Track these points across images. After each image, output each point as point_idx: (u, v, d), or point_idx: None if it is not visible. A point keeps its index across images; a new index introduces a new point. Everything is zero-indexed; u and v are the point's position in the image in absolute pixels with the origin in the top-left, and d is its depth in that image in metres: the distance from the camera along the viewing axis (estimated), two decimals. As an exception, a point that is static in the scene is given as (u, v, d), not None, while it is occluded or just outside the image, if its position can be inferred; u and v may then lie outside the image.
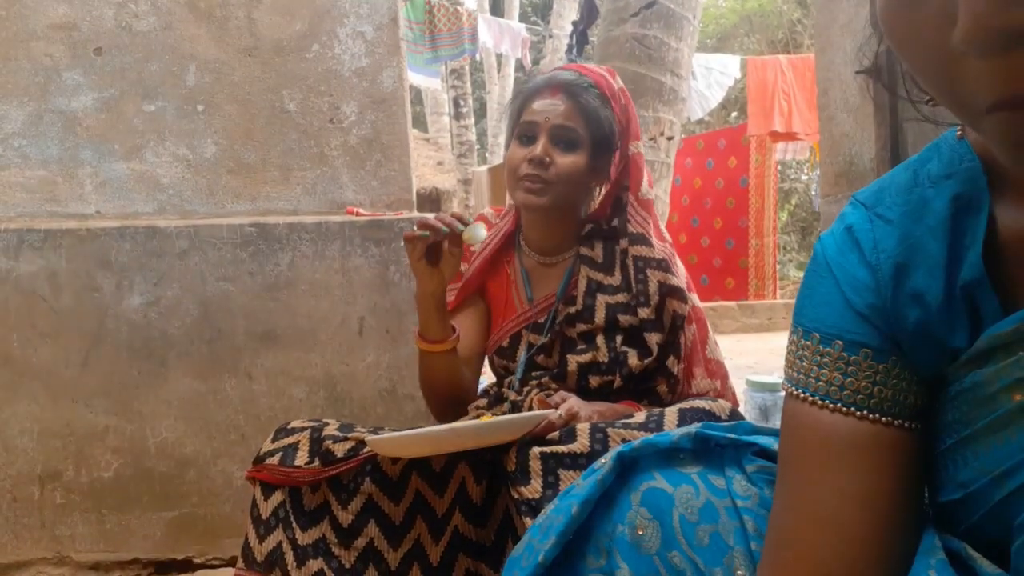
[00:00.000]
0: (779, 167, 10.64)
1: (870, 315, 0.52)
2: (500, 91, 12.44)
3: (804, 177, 12.78)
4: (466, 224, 1.17)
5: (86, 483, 1.63)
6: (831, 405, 0.52)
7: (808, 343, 0.54)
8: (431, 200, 9.59)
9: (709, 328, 1.28)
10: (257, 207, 1.75)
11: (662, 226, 1.31)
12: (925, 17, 0.37)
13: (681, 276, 1.25)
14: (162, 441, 1.64)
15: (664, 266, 1.22)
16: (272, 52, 1.75)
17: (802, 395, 0.54)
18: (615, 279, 1.25)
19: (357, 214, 1.71)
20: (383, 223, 1.68)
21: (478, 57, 8.77)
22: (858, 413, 0.51)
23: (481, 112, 14.20)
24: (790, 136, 7.87)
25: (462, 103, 10.39)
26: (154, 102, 1.73)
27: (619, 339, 1.20)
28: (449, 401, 1.28)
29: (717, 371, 1.25)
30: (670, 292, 1.20)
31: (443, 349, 1.22)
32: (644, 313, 1.19)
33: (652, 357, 1.18)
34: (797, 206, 13.02)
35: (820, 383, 0.53)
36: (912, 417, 0.52)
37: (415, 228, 1.16)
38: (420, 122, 12.47)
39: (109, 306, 1.63)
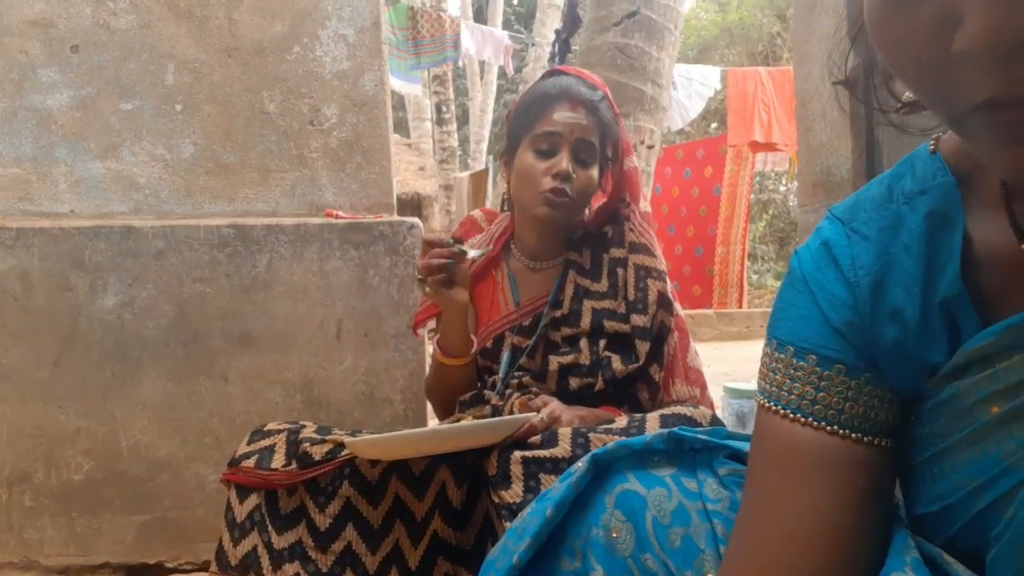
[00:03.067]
0: (758, 178, 10.75)
1: (846, 332, 0.52)
2: (483, 98, 12.45)
3: (782, 188, 12.92)
4: (461, 246, 1.18)
5: (56, 486, 1.60)
6: (802, 419, 0.52)
7: (782, 356, 0.54)
8: (412, 205, 9.56)
9: (690, 337, 1.29)
10: (235, 208, 1.73)
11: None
12: (921, 19, 0.37)
13: (670, 287, 1.27)
14: (135, 444, 1.61)
15: (664, 277, 1.25)
16: (252, 53, 1.74)
17: (774, 408, 0.54)
18: (602, 285, 1.26)
19: (336, 217, 1.70)
20: (363, 226, 1.67)
21: (460, 64, 8.77)
22: (828, 428, 0.51)
23: (463, 118, 14.20)
24: (770, 147, 7.95)
25: (444, 109, 10.38)
26: (131, 101, 1.71)
27: (602, 343, 1.21)
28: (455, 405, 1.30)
29: (696, 379, 1.26)
30: (662, 302, 1.23)
31: (465, 363, 1.25)
32: (640, 321, 1.20)
33: (638, 364, 1.19)
34: (775, 217, 13.15)
35: (792, 396, 0.53)
36: (882, 434, 0.52)
37: (425, 277, 1.16)
38: (402, 128, 12.45)
39: (82, 306, 1.61)
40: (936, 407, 0.50)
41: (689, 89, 7.64)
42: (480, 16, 13.46)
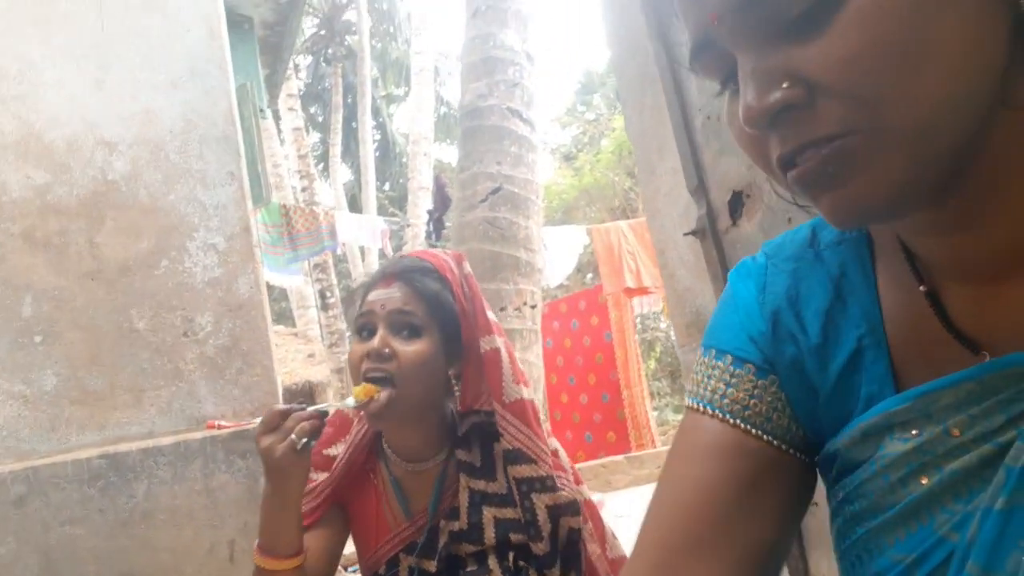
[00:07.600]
0: (639, 319, 11.27)
1: (758, 339, 0.58)
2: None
3: (663, 325, 13.57)
4: (318, 406, 1.04)
5: None
6: (710, 412, 0.57)
7: (706, 359, 0.60)
8: (305, 394, 9.24)
9: (604, 521, 1.20)
10: (106, 436, 1.62)
11: (542, 415, 1.19)
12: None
13: (568, 473, 1.15)
14: None
15: (550, 484, 1.09)
16: (117, 273, 1.70)
17: (692, 404, 0.58)
18: (499, 485, 1.11)
19: (219, 427, 1.62)
20: (248, 433, 1.59)
21: (339, 251, 8.94)
22: (731, 421, 0.56)
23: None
24: (643, 291, 8.42)
25: (328, 294, 10.40)
26: (-16, 338, 1.61)
27: (512, 555, 1.09)
28: None
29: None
30: (562, 512, 1.09)
31: (292, 566, 1.03)
32: (540, 548, 1.07)
33: None
34: (663, 353, 13.68)
35: (706, 392, 0.58)
36: (783, 439, 0.55)
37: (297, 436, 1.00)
38: (286, 318, 12.31)
39: (-76, 577, 1.40)
40: (864, 483, 0.52)
41: (560, 248, 8.09)
42: (355, 205, 13.94)
